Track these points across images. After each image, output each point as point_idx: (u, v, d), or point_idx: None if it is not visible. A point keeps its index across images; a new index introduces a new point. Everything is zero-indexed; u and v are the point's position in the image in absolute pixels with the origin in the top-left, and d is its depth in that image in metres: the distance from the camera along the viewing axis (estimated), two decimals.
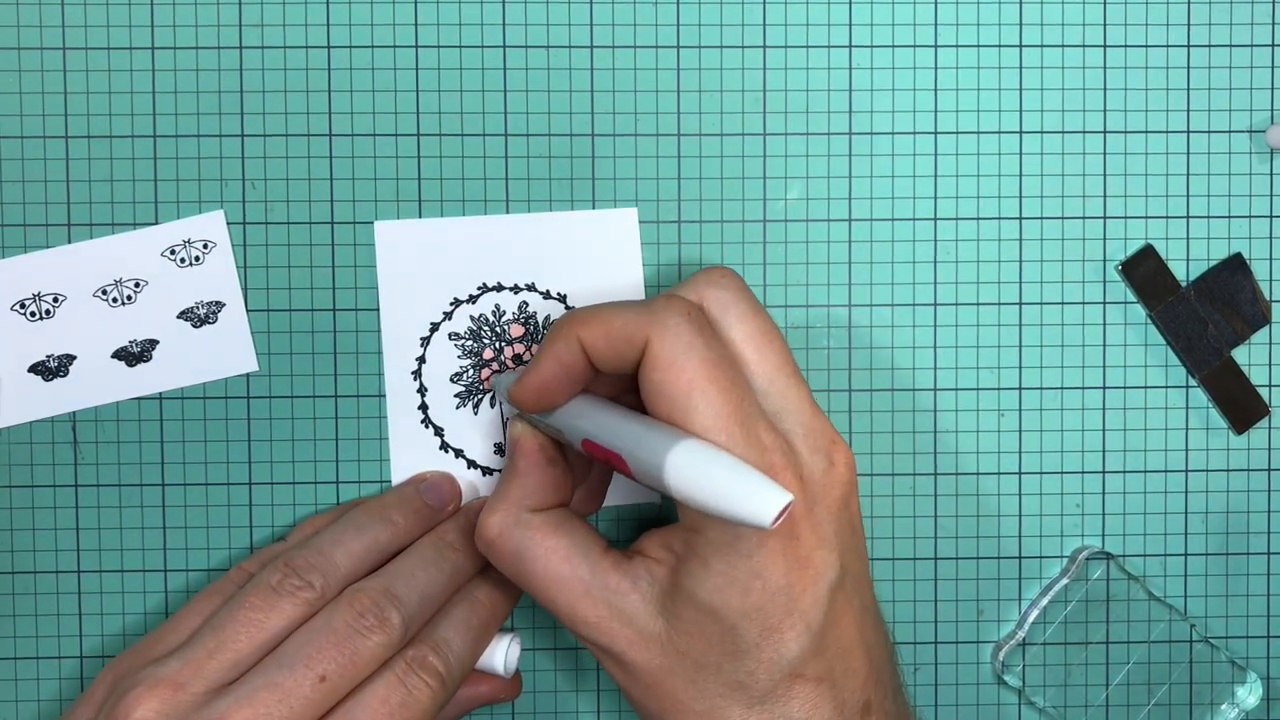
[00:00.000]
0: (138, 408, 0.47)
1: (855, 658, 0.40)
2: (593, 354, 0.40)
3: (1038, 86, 0.47)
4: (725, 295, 0.40)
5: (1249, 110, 0.48)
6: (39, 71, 0.46)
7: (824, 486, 0.39)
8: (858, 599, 0.40)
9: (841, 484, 0.40)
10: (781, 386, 0.40)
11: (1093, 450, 0.48)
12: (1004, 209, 0.48)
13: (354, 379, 0.47)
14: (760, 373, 0.40)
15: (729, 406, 0.38)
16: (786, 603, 0.38)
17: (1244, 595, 0.48)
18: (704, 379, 0.38)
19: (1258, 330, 0.48)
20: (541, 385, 0.41)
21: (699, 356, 0.38)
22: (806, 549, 0.38)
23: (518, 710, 0.48)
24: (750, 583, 0.38)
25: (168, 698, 0.39)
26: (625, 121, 0.47)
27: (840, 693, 0.39)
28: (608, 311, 0.40)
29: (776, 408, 0.40)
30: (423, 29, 0.46)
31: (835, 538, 0.39)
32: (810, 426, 0.40)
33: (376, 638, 0.40)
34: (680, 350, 0.38)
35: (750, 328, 0.40)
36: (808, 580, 0.38)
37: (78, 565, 0.47)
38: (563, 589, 0.40)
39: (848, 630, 0.40)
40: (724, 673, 0.39)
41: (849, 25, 0.47)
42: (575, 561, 0.40)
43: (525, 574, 0.41)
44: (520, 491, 0.42)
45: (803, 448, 0.39)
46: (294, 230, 0.47)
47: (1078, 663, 0.48)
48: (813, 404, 0.40)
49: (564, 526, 0.41)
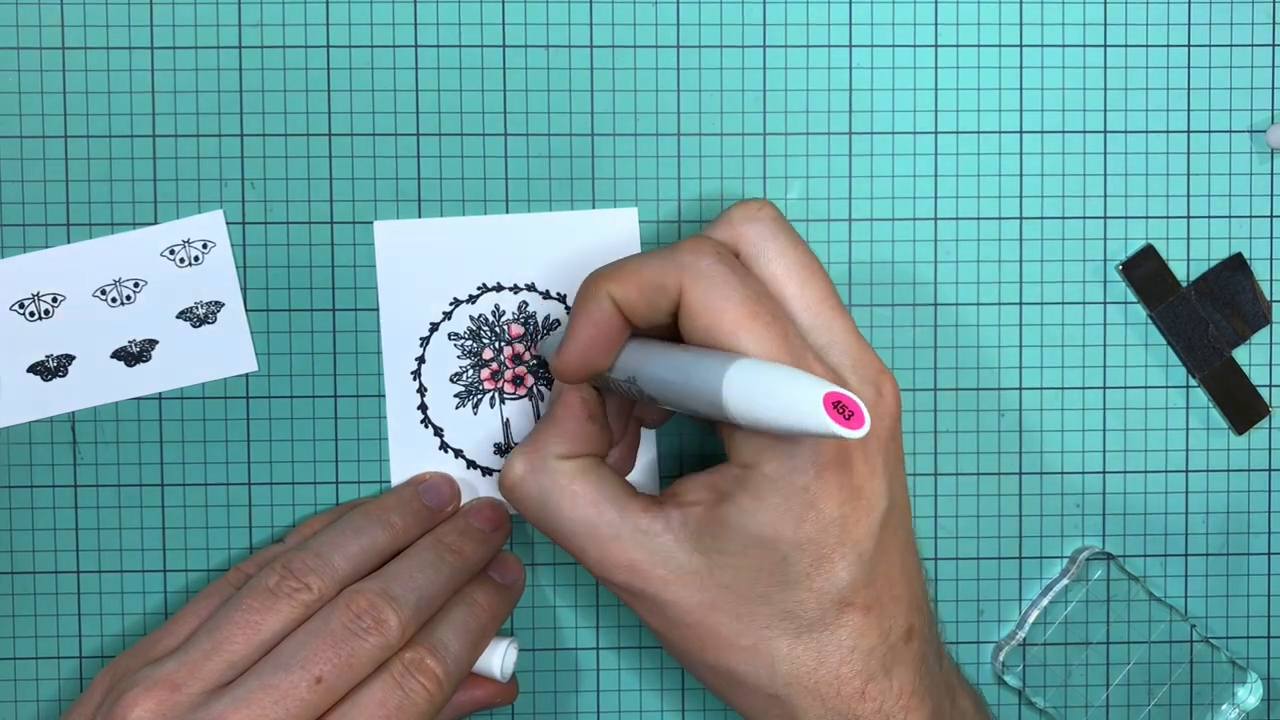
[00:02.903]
0: (137, 408, 0.47)
1: (899, 585, 0.40)
2: (627, 309, 0.39)
3: (1038, 86, 0.47)
4: (763, 229, 0.40)
5: (1249, 110, 0.48)
6: (38, 71, 0.46)
7: (874, 417, 0.39)
8: (903, 529, 0.41)
9: (890, 415, 0.40)
10: (826, 319, 0.40)
11: (1093, 450, 0.48)
12: (1004, 209, 0.47)
13: (353, 379, 0.47)
14: (804, 306, 0.40)
15: (776, 341, 0.37)
16: (840, 533, 0.38)
17: (1244, 595, 0.48)
18: (747, 317, 0.37)
19: (1258, 330, 0.48)
20: (582, 353, 0.40)
21: (737, 296, 0.38)
22: (859, 479, 0.38)
23: (517, 711, 0.48)
24: (804, 514, 0.38)
25: (164, 699, 0.39)
26: (625, 121, 0.47)
27: (886, 620, 0.40)
28: (636, 263, 0.39)
29: (823, 341, 0.40)
30: (422, 29, 0.46)
31: (885, 468, 0.39)
32: (858, 357, 0.40)
33: (373, 639, 0.40)
34: (717, 292, 0.38)
35: (791, 260, 0.40)
36: (861, 511, 0.38)
37: (77, 565, 0.47)
38: (592, 535, 0.40)
39: (894, 559, 0.40)
40: (772, 603, 0.39)
41: (849, 25, 0.47)
42: (603, 506, 0.40)
43: (550, 520, 0.41)
44: (553, 437, 0.41)
45: (852, 378, 0.39)
46: (293, 230, 0.47)
47: (1078, 663, 0.48)
48: (858, 335, 0.40)
49: (592, 473, 0.41)
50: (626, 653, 0.48)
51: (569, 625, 0.48)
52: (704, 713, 0.48)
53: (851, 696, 0.39)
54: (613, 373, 0.41)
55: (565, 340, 0.40)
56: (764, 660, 0.39)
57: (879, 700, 0.40)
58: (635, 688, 0.48)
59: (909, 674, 0.40)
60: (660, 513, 0.40)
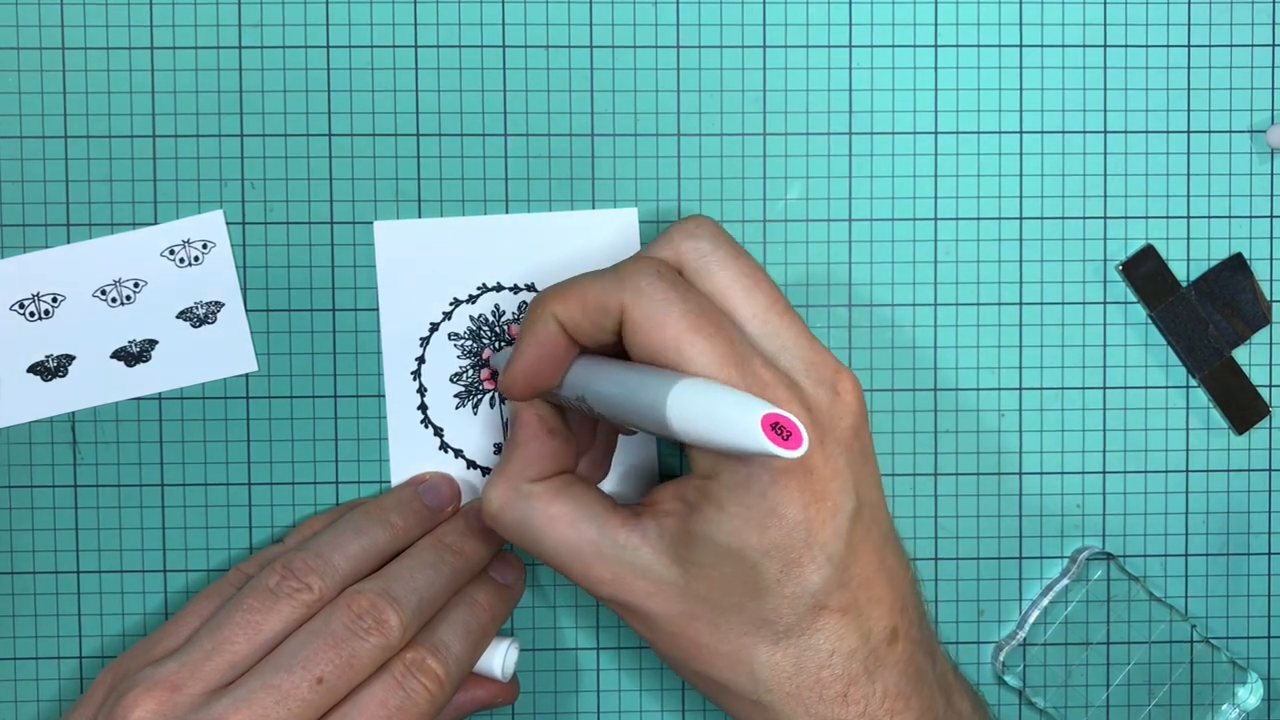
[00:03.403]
0: (137, 408, 0.47)
1: (878, 586, 0.40)
2: (572, 328, 0.40)
3: (1038, 86, 0.47)
4: (703, 245, 0.40)
5: (1249, 110, 0.48)
6: (38, 71, 0.46)
7: (832, 418, 0.39)
8: (877, 528, 0.40)
9: (850, 414, 0.39)
10: (775, 325, 0.40)
11: (1093, 450, 0.48)
12: (1004, 209, 0.47)
13: (353, 379, 0.47)
14: (750, 315, 0.40)
15: (720, 350, 0.37)
16: (805, 536, 0.38)
17: (1244, 595, 0.48)
18: (689, 330, 0.38)
19: (1258, 330, 0.48)
20: (528, 372, 0.40)
21: (679, 310, 0.38)
22: (821, 482, 0.38)
23: (518, 711, 0.48)
24: (767, 521, 0.38)
25: (165, 699, 0.39)
26: (625, 121, 0.47)
27: (865, 622, 0.39)
28: (580, 284, 0.40)
29: (773, 347, 0.39)
30: (422, 29, 0.46)
31: (849, 468, 0.39)
32: (810, 360, 0.40)
33: (374, 640, 0.40)
34: (657, 309, 0.38)
35: (733, 272, 0.40)
36: (825, 513, 0.38)
37: (77, 566, 0.47)
38: (574, 554, 0.40)
39: (869, 559, 0.40)
40: (747, 612, 0.39)
41: (849, 25, 0.47)
42: (582, 525, 0.40)
43: (534, 544, 0.41)
44: (520, 463, 0.42)
45: (805, 381, 0.39)
46: (293, 230, 0.47)
47: (1078, 663, 0.48)
48: (810, 338, 0.40)
49: (566, 492, 0.41)
50: (626, 653, 0.48)
51: (569, 625, 0.48)
52: (704, 712, 0.48)
53: (834, 700, 0.39)
54: (562, 390, 0.41)
55: (511, 359, 0.41)
56: (744, 667, 0.39)
57: (863, 704, 0.39)
58: (635, 688, 0.48)
59: (894, 676, 0.40)
60: (638, 525, 0.40)
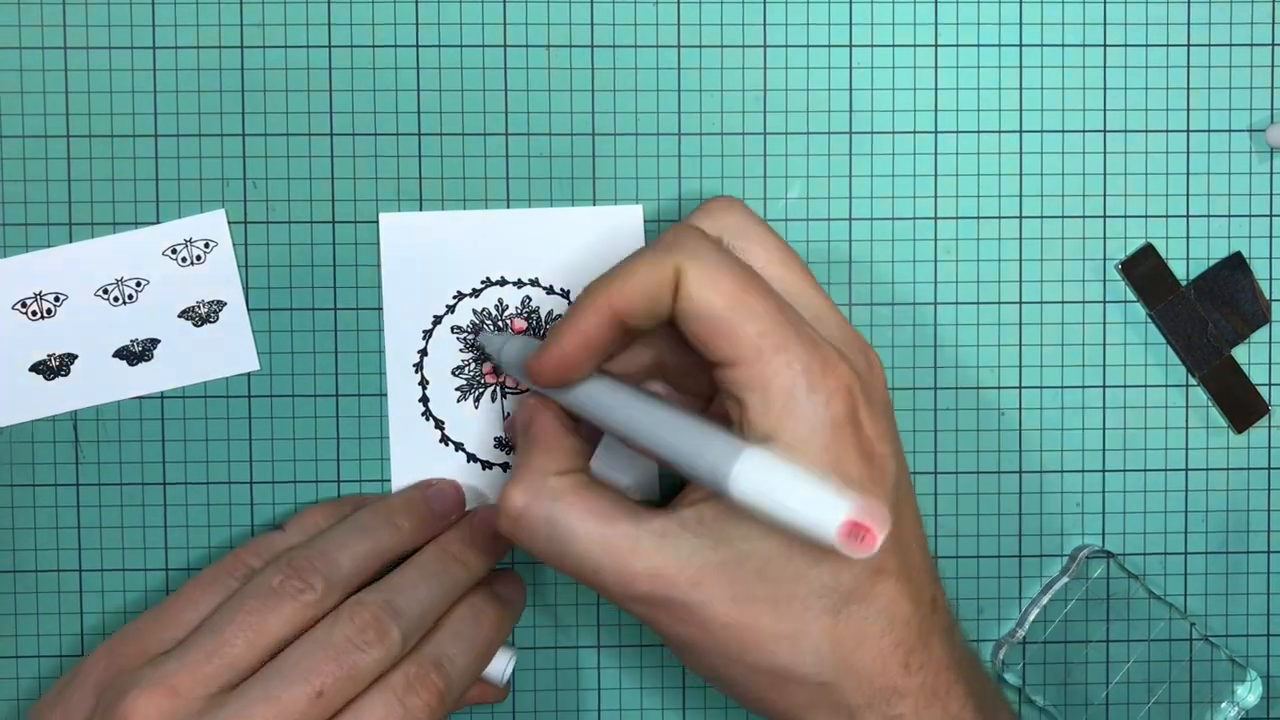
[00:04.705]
0: (139, 407, 0.47)
1: (917, 554, 0.40)
2: (628, 313, 0.39)
3: (1038, 86, 0.47)
4: (739, 221, 0.41)
5: (1249, 110, 0.48)
6: (40, 71, 0.46)
7: (871, 385, 0.39)
8: (911, 499, 0.41)
9: (882, 385, 0.40)
10: (810, 299, 0.40)
11: (1093, 449, 0.48)
12: (1004, 209, 0.48)
13: (355, 378, 0.47)
14: (789, 289, 0.40)
15: (775, 312, 0.38)
16: None
17: (1244, 594, 0.48)
18: (743, 291, 0.38)
19: (1257, 329, 0.48)
20: (564, 359, 0.40)
21: (733, 272, 0.38)
22: (869, 443, 0.38)
23: (518, 710, 0.48)
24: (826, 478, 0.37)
25: (164, 703, 0.39)
26: (626, 121, 0.47)
27: (914, 588, 0.39)
28: (628, 264, 0.39)
29: (809, 318, 0.40)
30: (423, 28, 0.47)
31: (889, 434, 0.39)
32: (845, 334, 0.40)
33: (375, 653, 0.40)
34: (712, 268, 0.38)
35: (771, 248, 0.41)
36: (877, 473, 0.38)
37: (79, 564, 0.47)
38: (608, 549, 0.38)
39: (910, 524, 0.40)
40: (808, 579, 0.38)
41: (849, 25, 0.47)
42: (614, 516, 0.39)
43: (561, 542, 0.39)
44: (542, 458, 0.40)
45: (845, 350, 0.39)
46: (295, 229, 0.47)
47: (1078, 661, 0.48)
48: (841, 315, 0.41)
49: (590, 487, 0.40)
50: (627, 652, 0.48)
51: (569, 625, 0.48)
52: (704, 711, 0.48)
53: (897, 672, 0.39)
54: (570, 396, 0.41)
55: (550, 342, 0.40)
56: (808, 644, 0.38)
57: (922, 674, 0.39)
58: (635, 687, 0.48)
59: (942, 645, 0.40)
60: (674, 514, 0.39)
